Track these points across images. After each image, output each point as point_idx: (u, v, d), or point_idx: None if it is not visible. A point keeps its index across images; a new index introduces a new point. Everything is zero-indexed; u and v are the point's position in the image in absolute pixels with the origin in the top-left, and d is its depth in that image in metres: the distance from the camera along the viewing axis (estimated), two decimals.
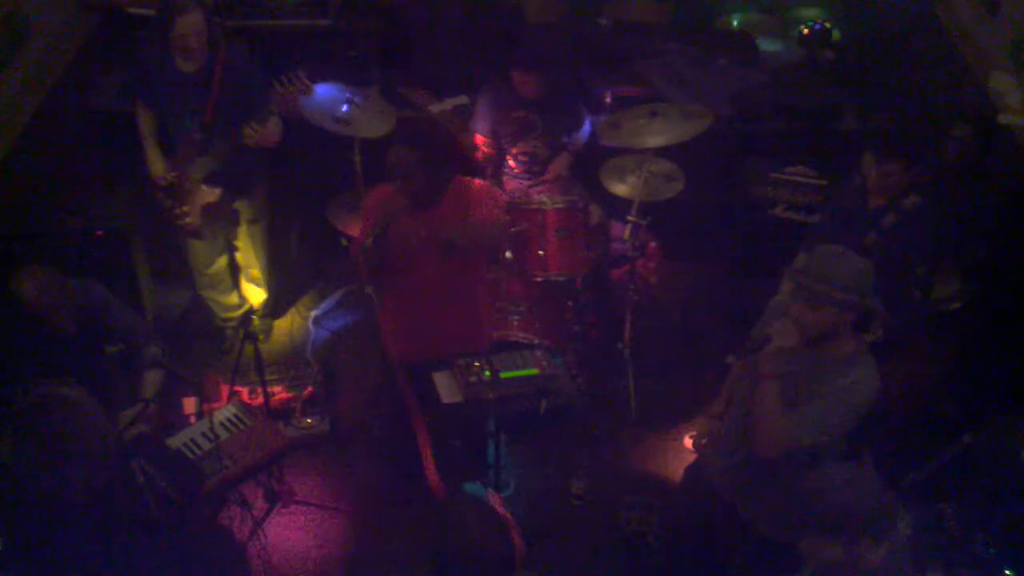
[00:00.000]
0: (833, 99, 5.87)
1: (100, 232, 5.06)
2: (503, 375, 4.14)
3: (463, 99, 5.53)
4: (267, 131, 4.75)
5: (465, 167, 4.97)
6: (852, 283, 3.23)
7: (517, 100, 5.22)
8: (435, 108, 5.52)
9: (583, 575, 4.50)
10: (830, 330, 3.30)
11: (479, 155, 5.35)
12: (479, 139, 5.35)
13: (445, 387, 4.16)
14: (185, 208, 4.95)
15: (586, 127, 5.47)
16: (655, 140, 4.98)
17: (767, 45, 6.48)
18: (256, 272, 5.46)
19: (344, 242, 5.40)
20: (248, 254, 5.38)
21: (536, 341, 4.79)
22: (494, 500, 2.99)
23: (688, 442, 4.77)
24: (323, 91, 5.12)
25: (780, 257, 4.36)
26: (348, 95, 5.13)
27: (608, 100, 5.89)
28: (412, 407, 4.38)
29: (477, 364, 4.15)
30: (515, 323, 4.92)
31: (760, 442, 3.40)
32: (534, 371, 4.17)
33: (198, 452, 4.10)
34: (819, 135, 5.65)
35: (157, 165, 4.95)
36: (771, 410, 3.33)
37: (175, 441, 4.12)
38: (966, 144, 4.68)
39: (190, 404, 4.93)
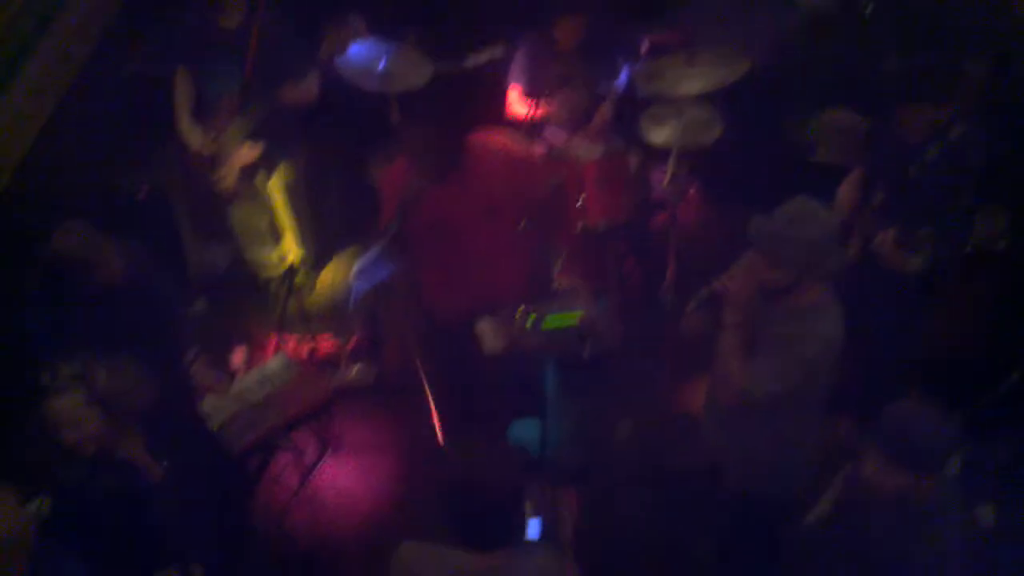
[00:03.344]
0: (872, 40, 5.79)
1: (142, 192, 5.12)
2: (546, 322, 4.18)
3: (497, 51, 5.52)
4: (304, 89, 4.77)
5: (500, 121, 4.99)
6: (815, 245, 3.16)
7: (555, 50, 5.20)
8: (471, 61, 5.51)
9: (623, 519, 4.54)
10: (791, 285, 3.27)
11: (518, 107, 5.34)
12: (517, 91, 5.35)
13: (489, 335, 4.20)
14: (224, 171, 5.00)
15: (623, 75, 5.44)
16: (693, 87, 4.94)
17: None
18: (297, 229, 5.51)
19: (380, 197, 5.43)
20: (288, 212, 5.43)
21: (578, 288, 4.80)
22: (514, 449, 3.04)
23: None
24: (359, 47, 5.13)
25: (822, 201, 4.33)
26: (385, 49, 5.13)
27: (645, 48, 5.84)
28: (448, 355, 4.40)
29: (520, 312, 4.18)
30: (557, 271, 4.93)
31: (719, 391, 3.41)
32: (578, 317, 4.19)
33: (250, 401, 4.18)
34: (859, 76, 5.58)
35: (193, 136, 4.98)
36: (730, 359, 3.34)
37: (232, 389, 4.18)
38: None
39: (239, 356, 5.01)
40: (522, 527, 2.82)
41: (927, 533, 2.94)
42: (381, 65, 5.07)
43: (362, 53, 5.12)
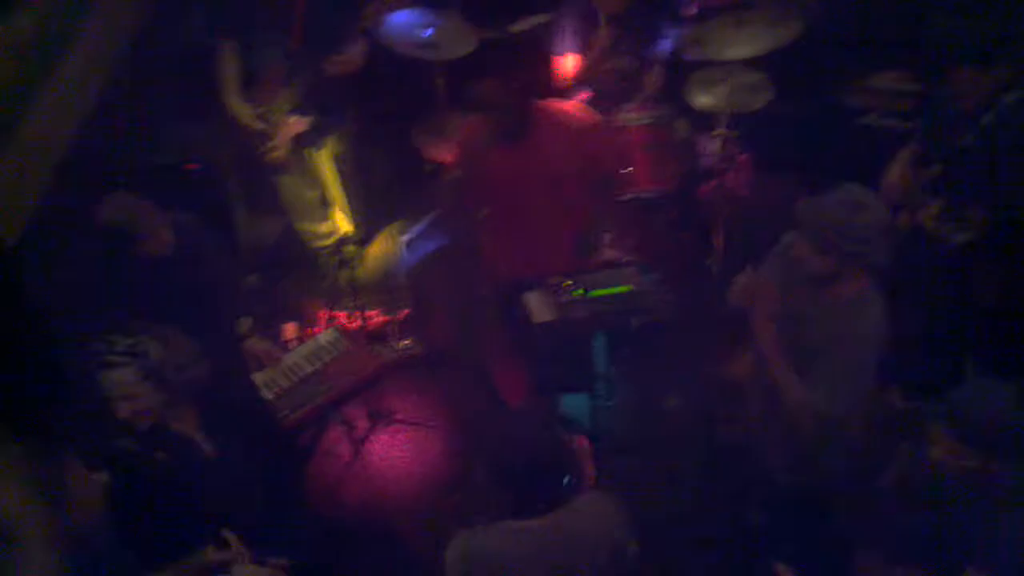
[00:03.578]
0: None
1: (194, 165, 5.16)
2: (594, 293, 4.17)
3: (543, 17, 5.47)
4: (349, 59, 4.77)
5: (550, 90, 4.94)
6: (865, 235, 3.08)
7: (600, 16, 5.14)
8: (515, 27, 5.47)
9: (669, 490, 4.55)
10: (833, 273, 3.21)
11: (564, 75, 5.29)
12: (563, 59, 5.29)
13: (536, 307, 4.20)
14: (273, 142, 5.02)
15: (668, 40, 5.36)
16: (742, 50, 4.86)
17: None
18: (345, 201, 5.54)
19: (428, 168, 5.44)
20: (337, 184, 5.45)
21: (627, 258, 4.78)
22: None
23: None
24: (403, 16, 5.11)
25: (874, 166, 4.26)
26: (430, 18, 5.10)
27: (693, 11, 5.75)
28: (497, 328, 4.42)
29: (568, 283, 4.17)
30: (606, 241, 4.91)
31: (791, 413, 3.33)
32: (626, 288, 4.18)
33: (301, 375, 4.22)
34: (912, 38, 5.45)
35: (241, 110, 5.00)
36: (772, 352, 3.29)
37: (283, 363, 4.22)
38: None
39: (290, 329, 5.06)
40: (572, 487, 2.82)
41: (997, 518, 2.88)
42: (426, 34, 5.04)
43: (407, 22, 5.10)
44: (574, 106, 4.36)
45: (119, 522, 2.94)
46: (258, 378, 4.20)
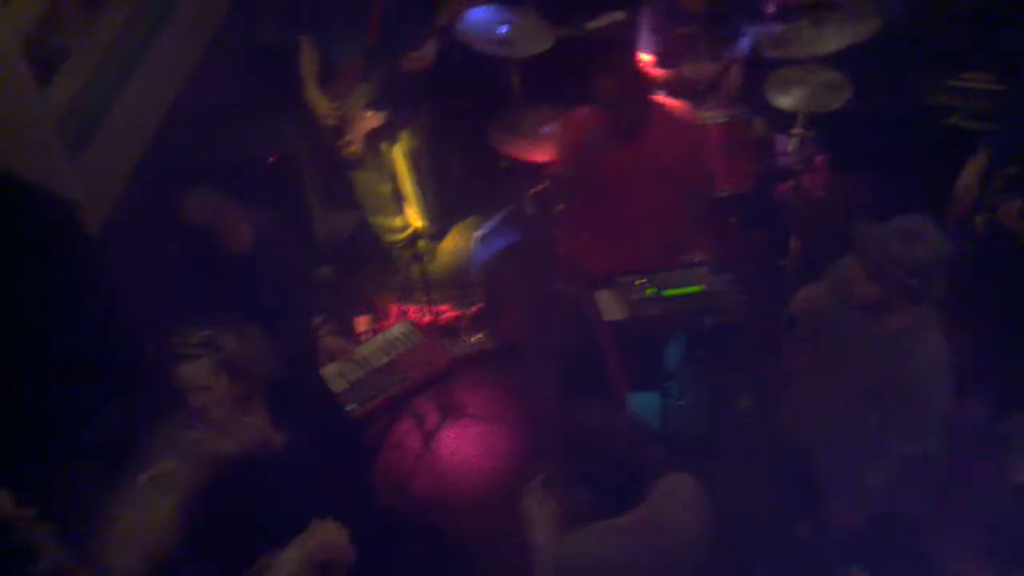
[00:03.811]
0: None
1: (272, 159, 5.22)
2: (666, 292, 4.16)
3: (619, 15, 5.45)
4: (424, 55, 4.80)
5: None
6: (918, 267, 2.98)
7: (679, 14, 5.10)
8: (592, 24, 5.46)
9: (739, 490, 4.49)
10: (883, 302, 3.12)
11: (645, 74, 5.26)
12: (642, 57, 5.26)
13: (609, 305, 4.20)
14: (349, 137, 5.07)
15: (746, 39, 5.31)
16: (821, 48, 4.80)
17: None
18: (419, 196, 5.57)
19: (503, 164, 5.45)
20: (411, 179, 5.49)
21: (699, 258, 4.74)
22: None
23: None
24: (479, 13, 5.13)
25: (955, 168, 4.17)
26: (506, 15, 5.10)
27: (771, 9, 5.68)
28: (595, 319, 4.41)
29: (640, 282, 4.16)
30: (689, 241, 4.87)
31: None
32: (698, 288, 4.16)
33: (373, 366, 4.25)
34: (998, 38, 5.32)
35: (319, 103, 5.06)
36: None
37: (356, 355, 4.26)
38: None
39: (362, 323, 5.11)
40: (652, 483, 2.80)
41: None
42: (502, 31, 5.05)
43: (483, 19, 5.12)
44: (680, 105, 4.37)
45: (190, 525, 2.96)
46: (331, 369, 4.24)
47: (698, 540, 2.82)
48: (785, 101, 4.98)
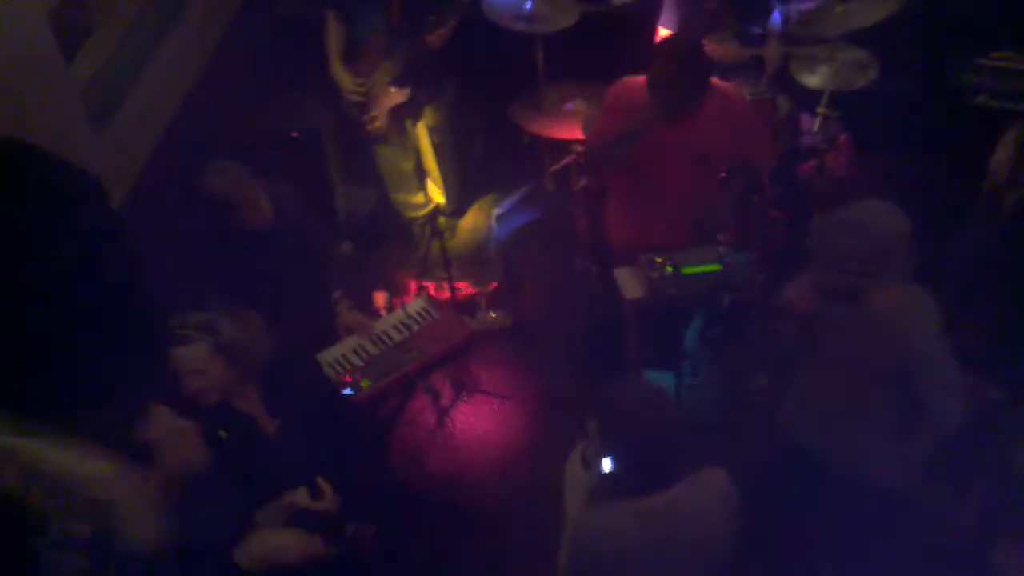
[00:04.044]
0: None
1: (295, 134, 5.24)
2: (685, 270, 4.14)
3: None
4: (447, 32, 4.80)
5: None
6: (870, 257, 2.94)
7: None
8: (618, 0, 5.43)
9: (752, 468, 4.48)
10: (856, 289, 3.07)
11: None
12: (666, 34, 5.21)
13: (628, 283, 4.19)
14: (373, 113, 5.08)
15: (776, 15, 5.24)
16: (847, 25, 4.74)
17: None
18: (440, 173, 5.58)
19: (526, 140, 5.44)
20: (433, 155, 5.49)
21: (720, 236, 4.71)
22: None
23: None
24: None
25: (983, 149, 4.11)
26: None
27: None
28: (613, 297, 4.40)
29: (659, 260, 4.14)
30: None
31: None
32: (717, 267, 4.14)
33: (390, 342, 4.27)
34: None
35: (344, 79, 5.07)
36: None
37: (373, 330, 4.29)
38: None
39: (381, 298, 5.13)
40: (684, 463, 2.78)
41: None
42: (527, 6, 5.02)
43: None
44: (729, 86, 4.35)
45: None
46: (348, 343, 4.25)
47: (723, 538, 2.79)
48: (811, 79, 4.93)
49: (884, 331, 3.10)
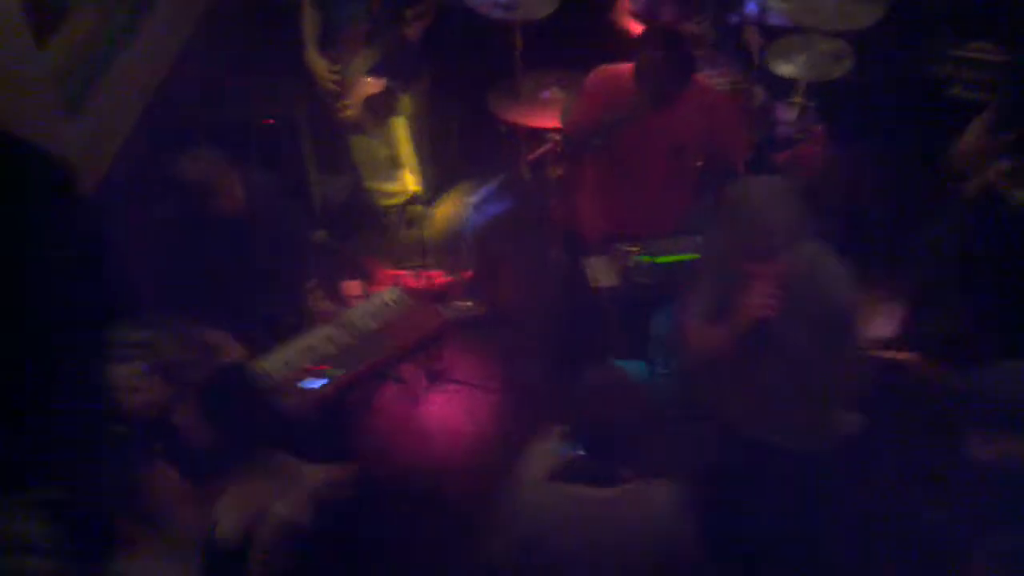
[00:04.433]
0: None
1: (269, 121, 5.22)
2: (660, 259, 4.14)
3: None
4: (426, 11, 4.79)
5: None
6: (745, 227, 3.09)
7: None
8: None
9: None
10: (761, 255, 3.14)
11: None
12: (632, 22, 5.18)
13: (601, 271, 4.19)
14: (347, 101, 5.06)
15: (753, 4, 5.24)
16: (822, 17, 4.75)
17: None
18: (416, 162, 5.56)
19: (503, 129, 5.43)
20: (408, 145, 5.47)
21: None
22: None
23: None
24: None
25: (955, 140, 4.13)
26: None
27: None
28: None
29: (635, 249, 4.15)
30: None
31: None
32: (692, 255, 4.14)
33: (362, 331, 4.26)
34: (998, 7, 5.24)
35: (320, 65, 5.04)
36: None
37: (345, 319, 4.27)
38: None
39: (354, 287, 5.11)
40: (647, 462, 2.79)
41: None
42: None
43: None
44: (705, 76, 4.34)
45: None
46: (319, 333, 4.24)
47: (658, 550, 2.77)
48: (787, 69, 4.94)
49: (802, 280, 3.17)
